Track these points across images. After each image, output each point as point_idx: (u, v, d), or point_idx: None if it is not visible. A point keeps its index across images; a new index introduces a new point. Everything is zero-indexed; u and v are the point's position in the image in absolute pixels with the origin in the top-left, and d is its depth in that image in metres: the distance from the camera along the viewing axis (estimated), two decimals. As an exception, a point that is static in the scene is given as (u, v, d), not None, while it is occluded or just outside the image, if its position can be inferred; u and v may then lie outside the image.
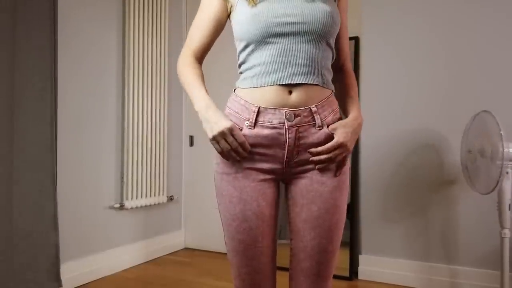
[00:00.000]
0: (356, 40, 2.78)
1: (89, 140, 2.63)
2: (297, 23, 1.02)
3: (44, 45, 2.32)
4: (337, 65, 1.19)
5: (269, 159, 1.05)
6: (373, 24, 2.71)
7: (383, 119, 2.66)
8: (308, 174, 1.07)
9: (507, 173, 1.91)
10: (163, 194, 3.20)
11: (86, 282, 2.57)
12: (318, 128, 1.04)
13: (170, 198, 3.30)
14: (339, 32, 1.15)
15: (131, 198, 2.89)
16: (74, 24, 2.54)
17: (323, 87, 1.06)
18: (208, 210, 3.37)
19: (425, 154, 2.54)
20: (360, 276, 2.68)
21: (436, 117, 2.51)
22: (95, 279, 2.62)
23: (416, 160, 2.56)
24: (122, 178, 2.87)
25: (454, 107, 2.46)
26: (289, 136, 1.03)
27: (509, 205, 1.96)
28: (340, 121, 1.07)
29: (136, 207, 2.95)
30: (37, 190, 2.28)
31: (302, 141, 1.04)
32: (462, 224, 2.43)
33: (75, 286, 2.49)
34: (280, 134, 1.03)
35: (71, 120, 2.51)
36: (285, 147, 1.04)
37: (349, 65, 1.22)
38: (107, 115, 2.77)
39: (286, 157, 1.05)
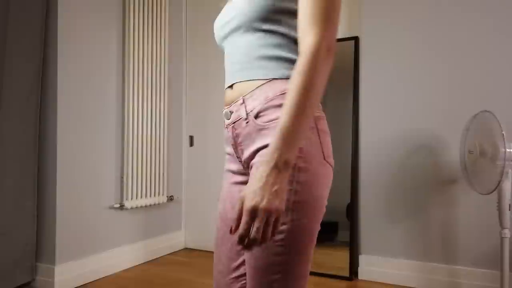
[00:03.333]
0: (356, 40, 2.78)
1: (89, 140, 2.63)
2: (228, 21, 0.99)
3: (33, 47, 2.34)
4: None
5: (232, 160, 1.04)
6: (373, 24, 2.71)
7: (383, 119, 2.66)
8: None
9: (507, 173, 1.91)
10: (163, 194, 3.20)
11: (86, 282, 2.57)
12: (246, 121, 0.93)
13: (170, 198, 3.30)
14: (295, 9, 0.91)
15: (131, 198, 2.89)
16: (74, 24, 2.54)
17: (256, 80, 0.93)
18: (208, 210, 3.37)
19: (425, 154, 2.54)
20: (360, 276, 2.68)
21: (436, 117, 2.51)
22: (95, 279, 2.63)
23: (416, 160, 2.56)
24: (122, 178, 2.87)
25: (454, 107, 2.46)
26: (230, 135, 0.99)
27: (509, 205, 1.96)
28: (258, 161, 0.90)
29: (136, 207, 2.96)
30: (18, 189, 2.30)
31: (239, 139, 0.95)
32: (462, 224, 2.44)
33: (75, 286, 2.49)
34: (228, 133, 1.00)
35: (71, 120, 2.51)
36: (233, 146, 0.99)
37: (303, 47, 0.82)
38: (107, 115, 2.77)
39: (237, 156, 1.00)
